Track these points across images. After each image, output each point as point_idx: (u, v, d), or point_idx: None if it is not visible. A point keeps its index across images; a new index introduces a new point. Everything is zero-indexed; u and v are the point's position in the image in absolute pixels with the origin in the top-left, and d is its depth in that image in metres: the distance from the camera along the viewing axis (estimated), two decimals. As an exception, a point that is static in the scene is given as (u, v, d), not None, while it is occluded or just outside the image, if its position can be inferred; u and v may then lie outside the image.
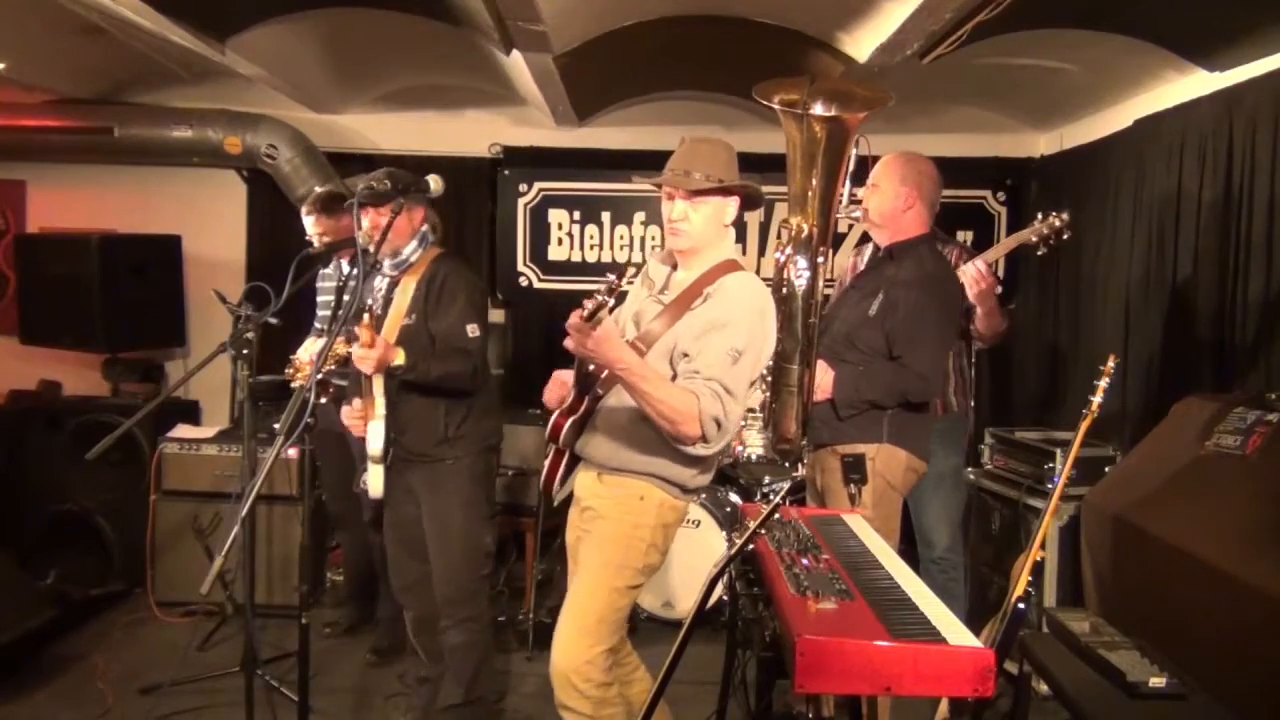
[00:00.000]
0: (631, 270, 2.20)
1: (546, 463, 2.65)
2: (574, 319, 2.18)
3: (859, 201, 3.09)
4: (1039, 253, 3.58)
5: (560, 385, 2.61)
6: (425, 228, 3.12)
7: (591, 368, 2.48)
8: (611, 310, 2.21)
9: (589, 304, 2.14)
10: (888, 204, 3.02)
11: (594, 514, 2.53)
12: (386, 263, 3.09)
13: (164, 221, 5.34)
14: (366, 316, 2.78)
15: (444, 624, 3.12)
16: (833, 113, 2.58)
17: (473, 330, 3.01)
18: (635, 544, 2.48)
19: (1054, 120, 5.11)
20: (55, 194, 5.52)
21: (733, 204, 2.50)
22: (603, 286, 2.15)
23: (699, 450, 2.39)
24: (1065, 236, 3.48)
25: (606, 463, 2.50)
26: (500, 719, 3.46)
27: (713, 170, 2.42)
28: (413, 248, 3.08)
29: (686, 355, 2.39)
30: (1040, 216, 3.50)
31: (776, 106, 2.60)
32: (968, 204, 5.36)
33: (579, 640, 2.43)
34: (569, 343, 2.28)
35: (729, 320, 2.37)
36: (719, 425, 2.32)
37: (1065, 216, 3.45)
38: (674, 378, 2.41)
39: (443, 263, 3.09)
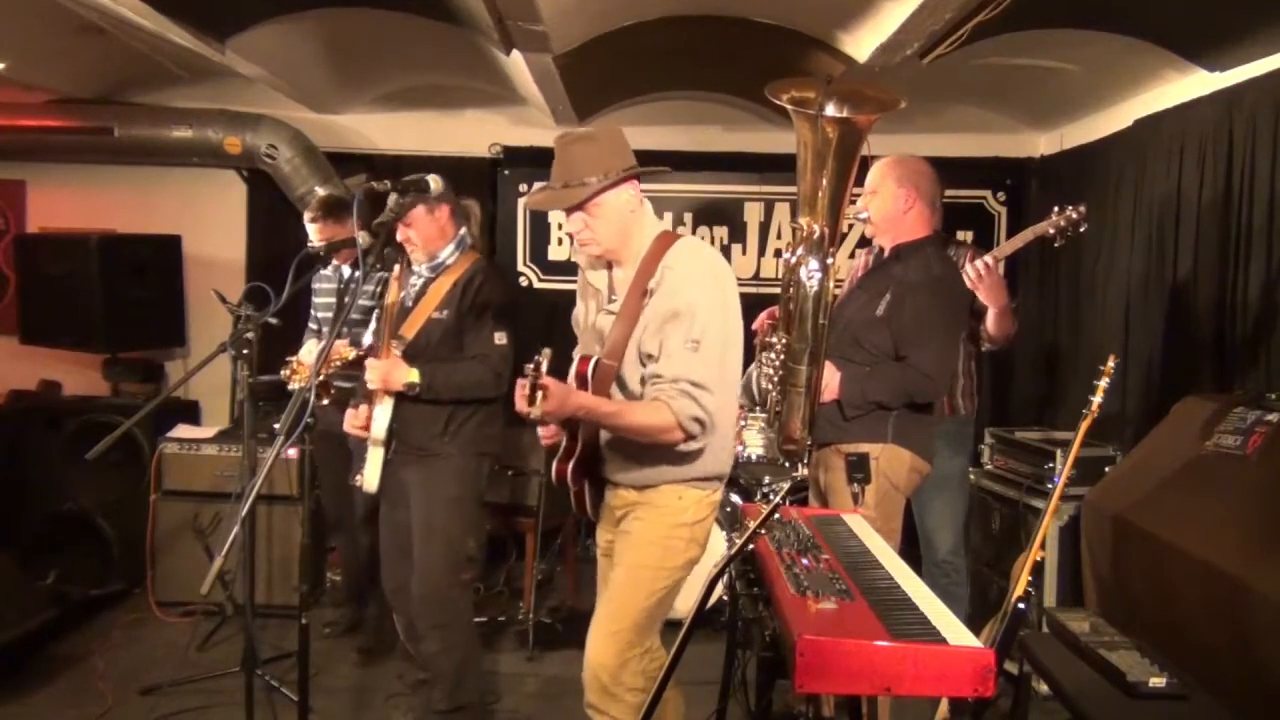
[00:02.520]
0: (548, 352, 2.18)
1: (573, 498, 2.62)
2: (522, 409, 2.18)
3: (854, 202, 3.09)
4: (1056, 244, 3.57)
5: (551, 429, 2.58)
6: (462, 231, 3.15)
7: None
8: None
9: (525, 384, 2.15)
10: (888, 207, 3.02)
11: (633, 516, 2.49)
12: (423, 266, 3.10)
13: (164, 221, 5.34)
14: (356, 316, 2.77)
15: (419, 629, 3.10)
16: (845, 114, 2.57)
17: (499, 338, 3.04)
18: (674, 544, 2.45)
19: (1054, 120, 5.11)
20: (55, 194, 5.52)
21: (628, 188, 2.39)
22: (528, 369, 2.14)
23: (692, 446, 2.37)
24: (1083, 229, 3.47)
25: (638, 484, 2.47)
26: (497, 720, 3.46)
27: (593, 168, 2.34)
28: (449, 251, 3.10)
29: (651, 356, 2.36)
30: (1057, 209, 3.48)
31: (789, 106, 2.59)
32: (968, 204, 5.36)
33: (611, 642, 2.41)
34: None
35: (679, 308, 2.32)
36: (701, 422, 2.30)
37: (1083, 209, 3.44)
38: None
39: (480, 266, 3.12)
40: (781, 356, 2.77)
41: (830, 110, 2.58)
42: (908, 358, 2.86)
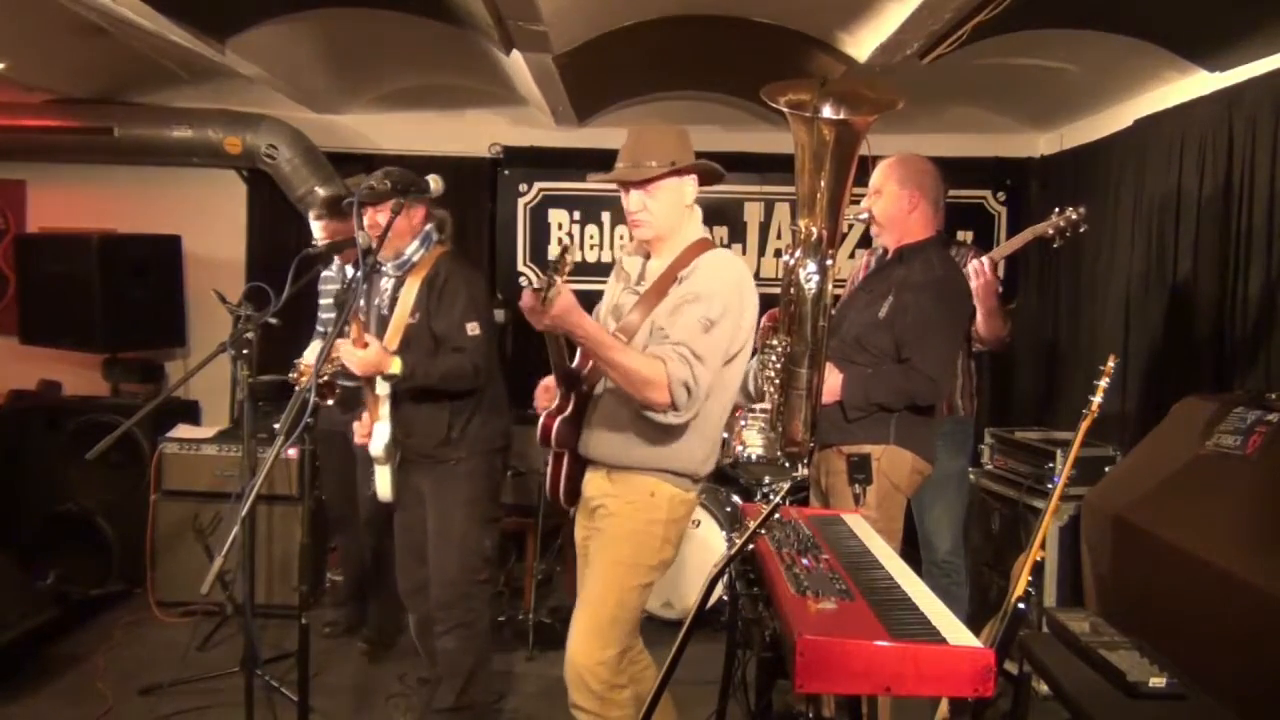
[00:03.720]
0: (573, 255, 2.22)
1: (548, 469, 2.64)
2: (527, 299, 2.17)
3: (856, 202, 3.08)
4: (1055, 245, 3.57)
5: (547, 391, 2.61)
6: (429, 227, 3.11)
7: (573, 364, 2.51)
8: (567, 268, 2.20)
9: (539, 283, 2.15)
10: (892, 208, 3.01)
11: (605, 512, 2.51)
12: (389, 264, 3.09)
13: (164, 221, 5.34)
14: (353, 310, 2.78)
15: (437, 629, 3.12)
16: (842, 116, 2.57)
17: (472, 329, 3.00)
18: (648, 541, 2.47)
19: (1054, 120, 5.11)
20: (55, 194, 5.52)
21: (689, 182, 2.51)
22: (554, 255, 2.17)
23: (670, 418, 2.35)
24: (1082, 230, 3.47)
25: (614, 462, 2.49)
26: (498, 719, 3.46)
27: (662, 155, 2.43)
28: (414, 248, 3.07)
29: (663, 329, 2.39)
30: (1058, 210, 3.48)
31: (784, 109, 2.59)
32: (968, 204, 5.36)
33: (592, 640, 2.42)
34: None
35: (702, 293, 2.38)
36: (688, 391, 2.30)
37: (1083, 210, 3.44)
38: None
39: (445, 262, 3.08)
40: (782, 359, 2.77)
41: (827, 112, 2.57)
42: (910, 360, 2.85)
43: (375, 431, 2.97)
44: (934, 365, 2.85)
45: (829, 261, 2.67)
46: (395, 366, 2.89)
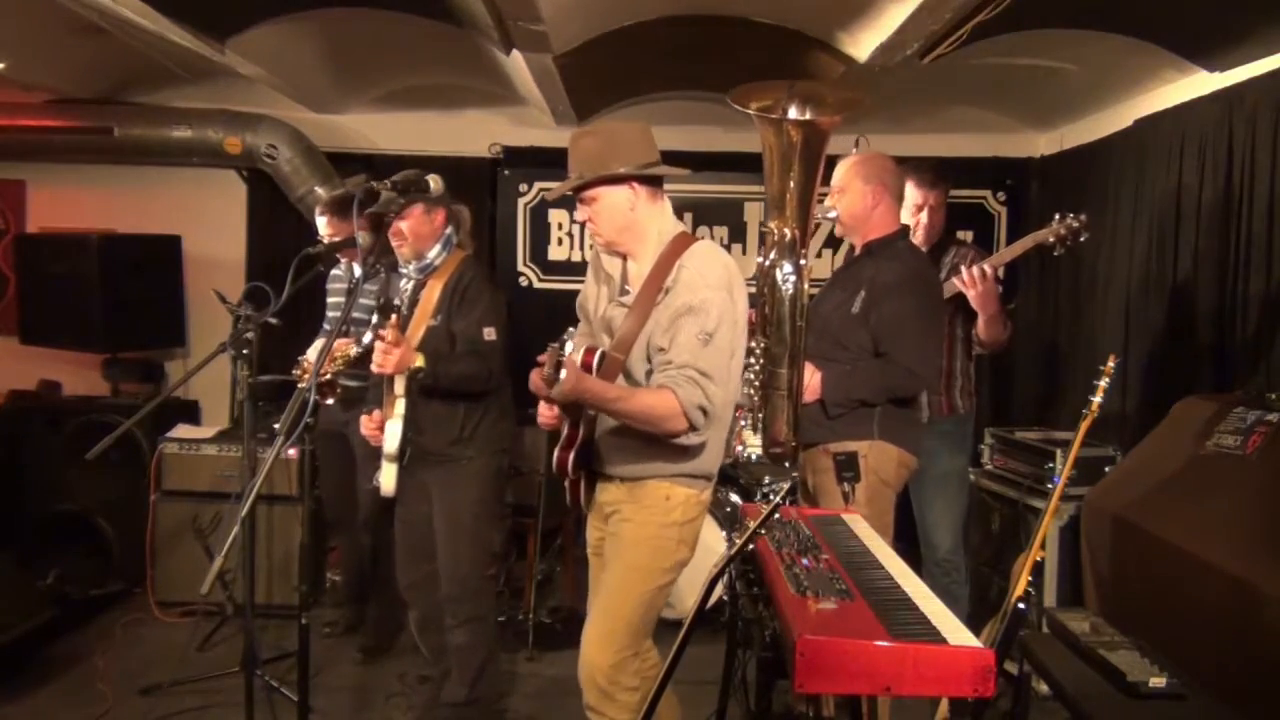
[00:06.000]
0: (573, 331, 2.25)
1: (568, 487, 2.63)
2: (539, 387, 2.27)
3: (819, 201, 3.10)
4: (1055, 253, 3.57)
5: (551, 411, 2.59)
6: (449, 230, 3.14)
7: None
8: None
9: (548, 369, 2.23)
10: (857, 205, 3.02)
11: (620, 517, 2.49)
12: (411, 266, 3.11)
13: (164, 221, 5.34)
14: (394, 316, 2.81)
15: (449, 623, 3.13)
16: (806, 117, 2.59)
17: (489, 333, 3.04)
18: (663, 544, 2.45)
19: (1054, 120, 5.11)
20: (55, 194, 5.52)
21: (623, 188, 2.43)
22: (553, 347, 2.24)
23: (691, 439, 2.37)
24: (1083, 238, 3.46)
25: (628, 475, 2.48)
26: (501, 719, 3.46)
27: (587, 167, 2.42)
28: (437, 251, 3.10)
29: (662, 349, 2.37)
30: (1058, 217, 3.47)
31: (751, 113, 2.61)
32: (968, 204, 5.35)
33: (607, 643, 2.41)
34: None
35: (693, 303, 2.34)
36: (705, 412, 2.30)
37: (1084, 218, 3.44)
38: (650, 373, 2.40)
39: (468, 267, 3.13)
40: (761, 361, 2.78)
41: (791, 113, 2.59)
42: (888, 354, 2.87)
43: (388, 429, 2.99)
44: (912, 357, 2.86)
45: (803, 261, 2.69)
46: (420, 361, 2.92)
